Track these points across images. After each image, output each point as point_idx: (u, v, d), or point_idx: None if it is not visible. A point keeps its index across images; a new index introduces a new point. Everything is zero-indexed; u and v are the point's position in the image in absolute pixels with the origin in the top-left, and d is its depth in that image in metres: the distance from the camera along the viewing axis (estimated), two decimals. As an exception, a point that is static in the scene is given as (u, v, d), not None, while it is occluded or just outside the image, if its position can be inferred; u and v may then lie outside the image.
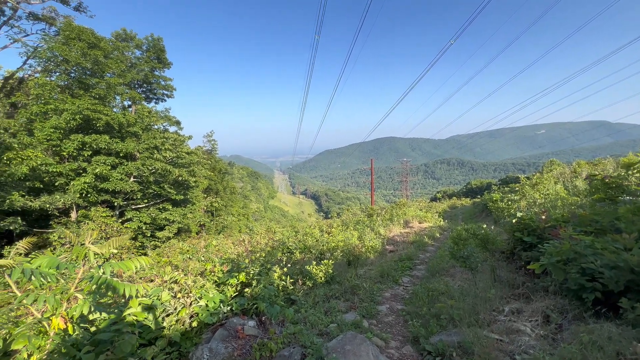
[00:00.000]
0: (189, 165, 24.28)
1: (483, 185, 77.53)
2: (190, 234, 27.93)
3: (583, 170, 18.72)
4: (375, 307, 4.67)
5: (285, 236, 11.74)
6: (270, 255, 6.20)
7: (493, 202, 18.21)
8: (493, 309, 3.75)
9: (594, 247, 3.14)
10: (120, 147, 17.97)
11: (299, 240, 9.62)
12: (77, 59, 16.70)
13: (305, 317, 4.09)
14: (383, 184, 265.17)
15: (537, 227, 5.32)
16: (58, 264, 2.10)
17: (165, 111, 30.69)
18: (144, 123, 20.92)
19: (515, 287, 4.39)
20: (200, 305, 3.48)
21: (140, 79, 26.18)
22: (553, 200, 9.39)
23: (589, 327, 2.53)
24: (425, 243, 10.66)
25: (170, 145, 21.34)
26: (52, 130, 15.43)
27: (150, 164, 19.48)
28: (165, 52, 27.45)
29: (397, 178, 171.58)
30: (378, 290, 5.42)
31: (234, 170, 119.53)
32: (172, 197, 22.69)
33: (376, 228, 13.16)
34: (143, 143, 19.94)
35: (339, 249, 8.39)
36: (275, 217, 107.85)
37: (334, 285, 5.61)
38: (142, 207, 21.93)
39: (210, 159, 41.62)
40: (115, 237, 18.09)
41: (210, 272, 4.88)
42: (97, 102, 17.41)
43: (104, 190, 17.73)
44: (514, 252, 5.67)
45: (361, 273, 6.60)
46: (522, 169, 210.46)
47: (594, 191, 6.16)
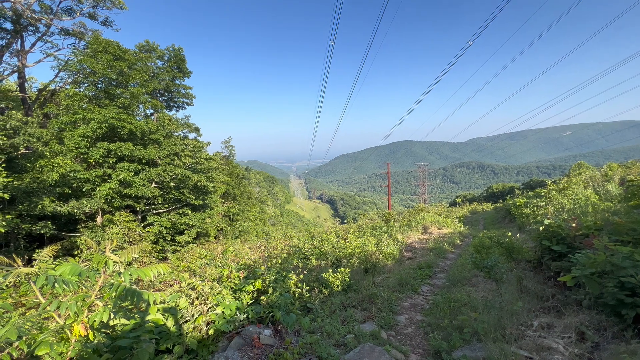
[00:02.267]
0: (208, 171, 24.84)
1: (505, 189, 74.75)
2: (208, 239, 28.47)
3: (615, 173, 17.64)
4: (393, 317, 4.52)
5: (302, 242, 11.71)
6: (287, 261, 6.18)
7: (517, 208, 17.47)
8: (520, 323, 3.53)
9: (634, 258, 2.90)
10: (142, 154, 18.64)
11: (315, 246, 9.55)
12: (104, 70, 17.55)
13: (322, 326, 4.01)
14: (400, 188, 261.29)
15: (567, 235, 5.01)
16: (80, 272, 2.15)
17: (185, 118, 31.70)
18: (165, 130, 21.64)
19: (544, 299, 4.13)
20: (217, 313, 3.49)
21: (161, 88, 27.19)
22: (583, 206, 8.87)
23: (631, 348, 2.32)
24: (445, 250, 10.32)
25: (190, 151, 21.94)
26: (80, 139, 16.23)
27: (171, 169, 20.06)
28: (185, 61, 28.42)
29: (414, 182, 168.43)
30: (396, 300, 5.26)
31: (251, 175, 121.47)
32: (191, 202, 23.23)
33: (393, 234, 12.90)
34: (164, 150, 20.60)
35: (355, 256, 8.26)
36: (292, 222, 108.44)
37: (350, 294, 5.49)
38: (162, 212, 22.57)
39: (227, 165, 42.50)
40: (138, 241, 18.67)
41: (227, 278, 4.91)
42: (122, 111, 18.19)
43: (127, 196, 18.40)
44: (542, 261, 5.36)
45: (378, 281, 6.45)
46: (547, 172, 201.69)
47: (629, 197, 5.76)
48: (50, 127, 17.67)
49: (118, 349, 2.52)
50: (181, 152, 21.49)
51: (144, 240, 19.58)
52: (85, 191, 17.06)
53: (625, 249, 3.04)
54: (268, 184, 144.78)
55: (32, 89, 23.20)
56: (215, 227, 30.82)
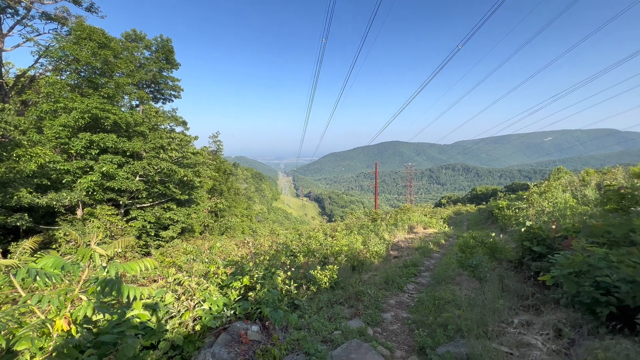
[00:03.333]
0: (195, 165, 24.40)
1: (488, 191, 76.77)
2: (194, 234, 28.05)
3: (592, 178, 18.42)
4: (380, 314, 4.59)
5: (289, 239, 11.69)
6: (274, 258, 6.17)
7: (499, 210, 17.99)
8: (502, 320, 3.66)
9: (609, 259, 3.05)
10: (127, 146, 18.12)
11: (302, 244, 9.56)
12: (88, 58, 16.92)
13: (309, 323, 4.03)
14: (387, 188, 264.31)
15: (547, 236, 5.21)
16: (63, 265, 2.08)
17: (172, 111, 31.00)
18: (150, 123, 21.10)
19: (524, 298, 4.29)
20: (204, 309, 3.45)
21: (148, 79, 26.48)
22: (562, 209, 9.24)
23: (605, 344, 2.44)
24: (430, 249, 10.53)
25: (177, 145, 21.48)
26: (60, 129, 15.63)
27: (156, 163, 19.60)
28: (173, 53, 27.74)
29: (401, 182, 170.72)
30: (383, 297, 5.34)
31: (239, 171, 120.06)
32: (176, 197, 22.79)
33: (380, 233, 13.06)
34: (149, 142, 20.09)
35: (343, 254, 8.32)
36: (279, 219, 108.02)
37: (338, 291, 5.53)
38: (147, 206, 22.06)
39: (215, 160, 41.86)
40: (120, 235, 18.20)
41: (214, 274, 4.86)
42: (106, 101, 17.61)
43: (110, 189, 17.87)
44: (522, 261, 5.55)
45: (365, 279, 6.52)
46: (528, 176, 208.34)
47: (605, 201, 6.03)
48: (28, 115, 16.91)
49: (101, 345, 2.46)
50: (167, 145, 21.01)
51: (126, 234, 19.10)
52: (65, 183, 16.45)
53: (601, 250, 3.19)
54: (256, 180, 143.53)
55: (9, 75, 22.11)
56: (201, 223, 30.36)
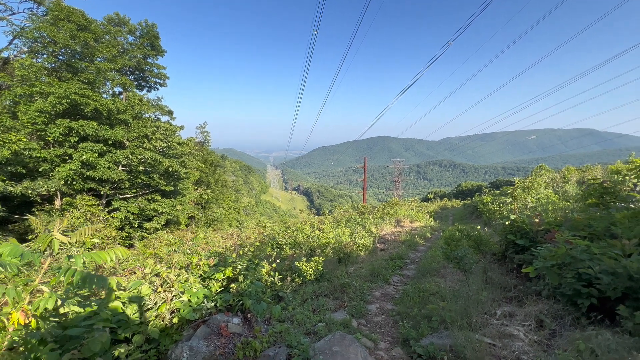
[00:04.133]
0: (180, 156, 23.81)
1: (473, 187, 78.49)
2: (179, 226, 27.54)
3: (572, 176, 19.03)
4: (364, 306, 4.56)
5: (276, 231, 11.58)
6: (259, 250, 6.04)
7: (484, 205, 18.37)
8: (485, 311, 3.67)
9: (591, 252, 3.08)
10: (108, 135, 17.45)
11: (289, 236, 9.46)
12: (66, 40, 16.08)
13: (293, 315, 3.95)
14: (375, 182, 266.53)
15: (530, 230, 5.28)
16: (22, 253, 1.91)
17: (158, 100, 30.06)
18: (134, 111, 20.38)
19: (507, 289, 4.34)
20: (183, 301, 3.31)
21: (132, 65, 25.49)
22: (544, 204, 9.44)
23: (585, 334, 2.46)
24: (416, 242, 10.63)
25: (161, 134, 20.83)
26: (36, 114, 14.87)
27: (140, 153, 18.99)
28: (159, 39, 26.75)
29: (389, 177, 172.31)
30: (368, 289, 5.32)
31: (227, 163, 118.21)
32: (161, 188, 22.24)
33: (367, 226, 13.09)
34: (133, 131, 19.41)
35: (329, 246, 8.27)
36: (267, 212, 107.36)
37: (323, 283, 5.48)
38: (130, 197, 21.44)
39: (202, 151, 41.02)
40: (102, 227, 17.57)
41: (196, 265, 4.71)
42: (86, 86, 16.84)
43: (91, 178, 17.22)
44: (506, 254, 5.63)
45: (351, 271, 6.49)
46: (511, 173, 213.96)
47: (586, 196, 6.17)
48: (1, 100, 16.00)
49: (69, 339, 2.31)
50: (152, 134, 20.35)
51: (108, 226, 18.54)
52: (42, 171, 15.73)
53: (583, 243, 3.22)
54: (244, 173, 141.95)
55: (-20, 56, 20.82)
56: (187, 215, 29.81)
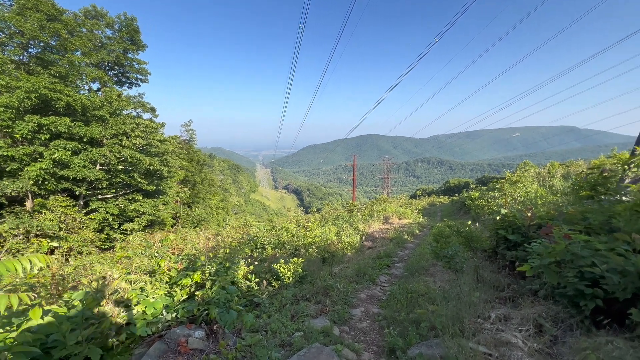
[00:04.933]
0: (163, 154, 22.96)
1: (461, 184, 79.59)
2: (164, 227, 26.69)
3: (557, 171, 19.27)
4: (348, 310, 4.19)
5: (260, 230, 11.12)
6: (237, 251, 5.60)
7: (472, 200, 18.35)
8: (478, 315, 3.36)
9: (593, 247, 2.78)
10: (83, 132, 16.55)
11: (273, 235, 9.03)
12: (34, 31, 15.09)
13: (268, 323, 3.54)
14: (365, 180, 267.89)
15: (522, 224, 5.03)
16: None
17: (139, 96, 28.92)
18: (112, 107, 19.44)
19: (499, 289, 4.04)
20: (135, 313, 2.85)
21: (111, 60, 24.45)
22: (532, 198, 9.31)
23: (593, 342, 2.15)
24: (404, 240, 10.37)
25: (141, 132, 19.95)
26: (1, 109, 13.88)
27: (118, 150, 18.11)
28: (139, 33, 25.74)
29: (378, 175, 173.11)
30: (353, 291, 4.95)
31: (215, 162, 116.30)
32: (143, 188, 21.40)
33: (355, 224, 12.78)
34: (110, 128, 18.50)
35: (314, 245, 7.88)
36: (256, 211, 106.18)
37: (305, 285, 5.09)
38: (109, 198, 20.55)
39: (188, 150, 39.97)
40: (76, 229, 16.68)
41: (165, 270, 4.24)
42: (57, 80, 15.88)
43: (64, 178, 16.30)
44: (497, 251, 5.36)
45: (336, 271, 6.13)
46: (497, 170, 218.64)
47: (577, 188, 5.98)
48: (-37, 94, 14.91)
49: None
50: (131, 132, 19.46)
51: (85, 227, 17.66)
52: (10, 171, 14.74)
53: (582, 237, 2.93)
54: (233, 172, 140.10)
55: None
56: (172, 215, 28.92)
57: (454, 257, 3.72)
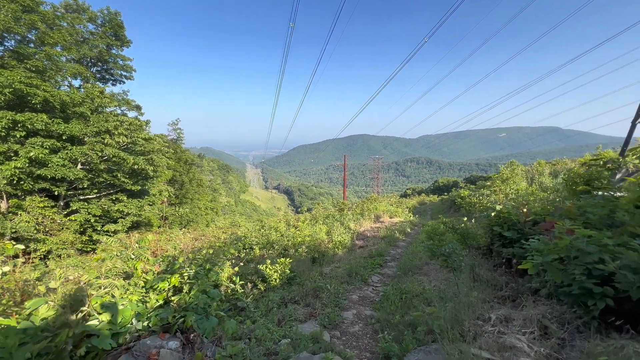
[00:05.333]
0: (149, 153, 22.25)
1: (449, 183, 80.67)
2: (151, 228, 25.96)
3: (545, 169, 19.56)
4: (339, 313, 3.94)
5: (249, 230, 10.78)
6: (221, 251, 5.28)
7: (462, 198, 18.42)
8: (477, 316, 3.15)
9: (600, 242, 2.61)
10: (62, 129, 15.81)
11: (262, 235, 8.71)
12: (8, 22, 14.31)
13: (252, 330, 3.26)
14: (355, 180, 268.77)
15: (518, 221, 4.88)
16: None
17: (123, 94, 28.01)
18: (94, 104, 18.69)
19: (497, 288, 3.86)
20: (98, 323, 2.53)
21: (94, 56, 23.59)
22: (523, 195, 9.27)
23: (610, 346, 1.95)
24: (396, 238, 10.20)
25: (125, 130, 19.25)
26: (-28, 105, 13.10)
27: (100, 149, 17.40)
28: (123, 28, 24.91)
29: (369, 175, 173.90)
30: (344, 292, 4.71)
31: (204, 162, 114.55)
32: (127, 188, 20.68)
33: (346, 222, 12.56)
34: (92, 126, 17.77)
35: (304, 245, 7.61)
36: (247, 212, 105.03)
37: (294, 287, 4.82)
38: (92, 198, 19.78)
39: (175, 149, 39.09)
40: (56, 231, 15.93)
41: (142, 273, 3.90)
42: (34, 75, 15.12)
43: (42, 178, 15.54)
44: (492, 248, 5.21)
45: (327, 271, 5.87)
46: (484, 169, 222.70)
47: (571, 183, 5.89)
48: None
49: None
50: (114, 129, 18.74)
51: (64, 229, 16.93)
52: (-19, 170, 13.94)
53: (586, 232, 2.75)
54: (222, 172, 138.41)
55: None
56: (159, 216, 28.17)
57: (451, 255, 3.52)
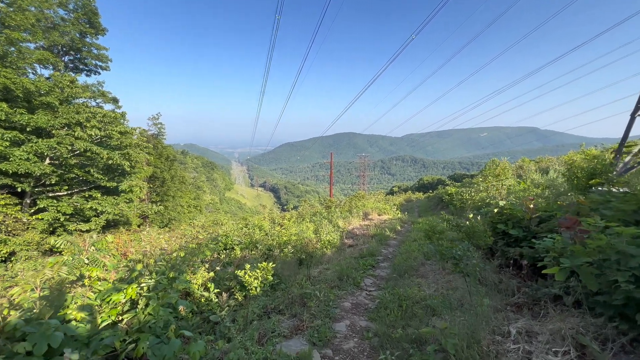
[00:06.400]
0: (126, 147, 20.99)
1: (434, 181, 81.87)
2: (130, 227, 24.71)
3: (530, 166, 19.76)
4: (330, 325, 3.40)
5: (232, 229, 10.09)
6: (195, 253, 4.63)
7: (449, 195, 18.32)
8: (493, 329, 2.69)
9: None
10: (26, 120, 14.51)
11: (244, 234, 8.07)
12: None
13: (227, 351, 2.67)
14: (342, 178, 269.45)
15: (523, 218, 4.49)
16: None
17: (98, 85, 26.39)
18: (63, 94, 17.36)
19: (508, 293, 3.43)
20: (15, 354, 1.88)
21: (65, 43, 22.06)
22: (516, 191, 9.03)
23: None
24: (387, 236, 9.79)
25: (98, 122, 17.99)
26: None
27: (70, 142, 16.15)
28: (98, 15, 23.46)
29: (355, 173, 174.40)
30: (335, 299, 4.18)
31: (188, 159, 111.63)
32: (102, 184, 19.45)
33: (334, 220, 12.06)
34: (61, 117, 16.46)
35: (290, 244, 7.04)
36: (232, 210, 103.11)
37: (278, 293, 4.25)
38: (63, 195, 18.48)
39: (156, 144, 37.49)
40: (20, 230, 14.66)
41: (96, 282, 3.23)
42: (-9, 60, 13.77)
43: (3, 172, 14.23)
44: (496, 247, 4.82)
45: (315, 274, 5.34)
46: (467, 168, 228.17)
47: (573, 178, 5.59)
48: None
49: None
50: (86, 122, 17.45)
51: (30, 229, 15.67)
52: None
53: (630, 231, 2.33)
54: (207, 169, 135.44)
55: None
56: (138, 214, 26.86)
57: (463, 258, 3.05)
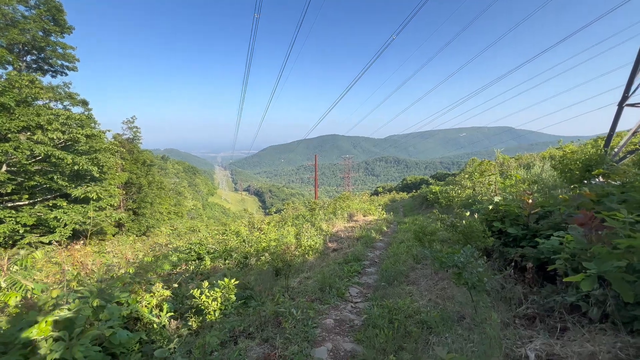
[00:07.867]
0: (95, 152, 19.66)
1: (417, 181, 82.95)
2: (105, 237, 23.23)
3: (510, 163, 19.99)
4: (309, 351, 2.81)
5: (206, 235, 9.32)
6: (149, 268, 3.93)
7: (434, 194, 18.17)
8: (506, 352, 2.19)
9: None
10: (-25, 123, 13.16)
11: (218, 241, 7.36)
12: None
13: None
14: (326, 180, 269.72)
15: (520, 214, 4.09)
16: None
17: (65, 86, 24.73)
18: (21, 94, 15.98)
19: (513, 303, 2.97)
20: None
21: (26, 42, 20.54)
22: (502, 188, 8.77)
23: None
24: (373, 238, 9.31)
25: (61, 125, 16.68)
26: None
27: (29, 147, 14.82)
28: (63, 12, 22.06)
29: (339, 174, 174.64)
30: (316, 316, 3.59)
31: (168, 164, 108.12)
32: (68, 192, 18.08)
33: (318, 223, 11.50)
34: (17, 119, 15.10)
35: (269, 251, 6.41)
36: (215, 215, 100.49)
37: (249, 310, 3.62)
38: (23, 205, 17.01)
39: (132, 149, 35.72)
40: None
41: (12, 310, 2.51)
42: None
43: (-52, 181, 12.82)
44: (490, 248, 4.39)
45: (294, 285, 4.74)
46: (448, 167, 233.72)
47: (567, 171, 5.28)
48: None
49: None
50: (47, 124, 16.11)
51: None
52: None
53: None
54: (189, 174, 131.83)
55: None
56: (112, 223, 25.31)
57: (467, 266, 2.55)
